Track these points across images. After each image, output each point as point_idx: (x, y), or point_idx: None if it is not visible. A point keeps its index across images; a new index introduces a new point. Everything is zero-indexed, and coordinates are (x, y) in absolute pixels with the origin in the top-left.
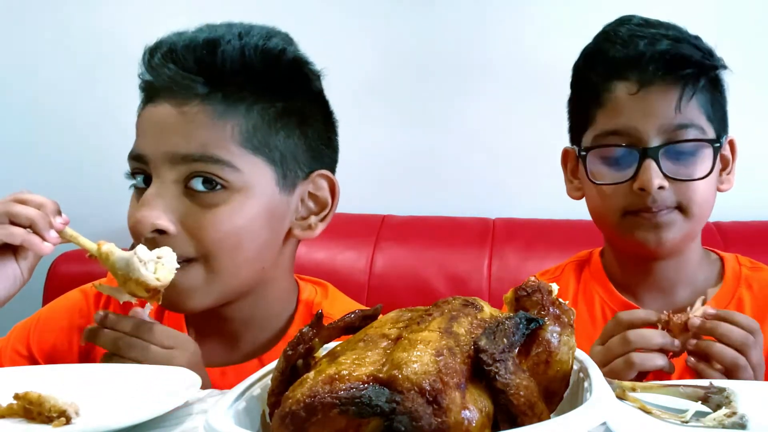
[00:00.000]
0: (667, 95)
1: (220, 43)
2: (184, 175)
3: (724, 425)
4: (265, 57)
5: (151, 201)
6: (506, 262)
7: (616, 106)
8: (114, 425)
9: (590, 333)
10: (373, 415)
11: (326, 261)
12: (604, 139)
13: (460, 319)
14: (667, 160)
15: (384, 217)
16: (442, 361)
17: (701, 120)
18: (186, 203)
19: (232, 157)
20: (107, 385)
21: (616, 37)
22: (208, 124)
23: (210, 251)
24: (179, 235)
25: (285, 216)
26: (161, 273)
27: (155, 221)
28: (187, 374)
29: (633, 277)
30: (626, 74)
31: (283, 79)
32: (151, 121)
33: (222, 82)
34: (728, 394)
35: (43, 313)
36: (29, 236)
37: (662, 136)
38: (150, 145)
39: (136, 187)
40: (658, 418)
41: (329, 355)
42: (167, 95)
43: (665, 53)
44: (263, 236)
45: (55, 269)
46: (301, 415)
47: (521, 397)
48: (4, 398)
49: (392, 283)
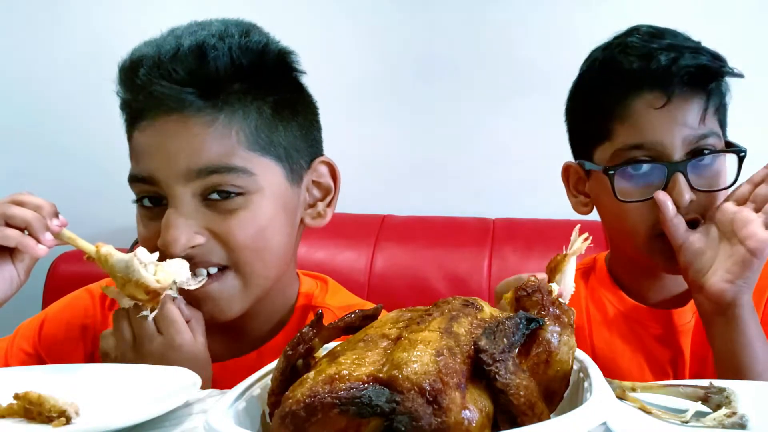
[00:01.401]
0: (692, 107)
1: (207, 49)
2: (200, 189)
3: (724, 425)
4: (251, 55)
5: (175, 222)
6: (506, 262)
7: (639, 120)
8: (114, 425)
9: (606, 336)
10: (373, 415)
11: (326, 261)
12: (627, 153)
13: (460, 319)
14: (693, 173)
15: (384, 217)
16: (442, 361)
17: (716, 127)
18: (208, 214)
19: (244, 163)
20: (107, 385)
21: (632, 50)
22: (213, 135)
23: (240, 256)
24: (208, 244)
25: (297, 208)
26: (161, 275)
27: (187, 241)
28: (187, 374)
29: (643, 282)
30: (648, 88)
31: (270, 73)
32: (151, 142)
33: (217, 89)
34: (728, 394)
35: (49, 312)
36: (24, 239)
37: (685, 147)
38: (158, 166)
39: (142, 206)
40: (658, 418)
41: (329, 355)
42: (160, 112)
43: (689, 67)
44: (285, 232)
45: (54, 269)
46: (301, 415)
47: (521, 397)
48: (4, 398)
49: (392, 283)
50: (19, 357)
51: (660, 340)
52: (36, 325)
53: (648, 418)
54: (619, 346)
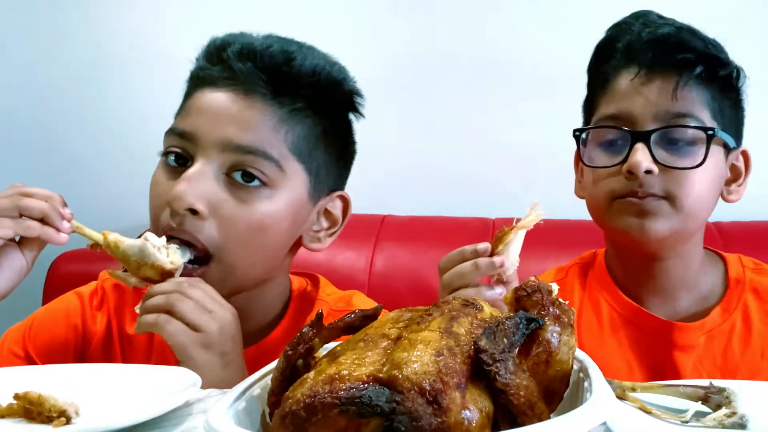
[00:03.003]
0: (664, 82)
1: (295, 56)
2: (229, 163)
3: (724, 425)
4: (329, 80)
5: (194, 179)
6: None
7: (617, 92)
8: (114, 425)
9: (598, 338)
10: (373, 415)
11: (326, 261)
12: (602, 123)
13: (460, 319)
14: (660, 147)
15: (384, 217)
16: (442, 361)
17: (702, 113)
18: (224, 192)
19: (281, 158)
20: (107, 385)
21: (627, 28)
22: (266, 122)
23: (233, 244)
24: (209, 221)
25: (303, 224)
26: (173, 257)
27: (194, 201)
28: (187, 374)
29: (635, 278)
30: (626, 60)
31: (336, 103)
32: (209, 104)
33: (290, 90)
34: (728, 394)
35: (38, 314)
36: (44, 229)
37: (658, 123)
38: (204, 126)
39: (166, 163)
40: (658, 418)
41: (329, 355)
42: (230, 85)
43: (664, 38)
44: (283, 238)
45: (55, 269)
46: (301, 415)
47: (521, 397)
48: (4, 398)
49: (392, 283)
50: (10, 360)
51: (655, 349)
52: (25, 327)
53: (648, 418)
54: (610, 349)
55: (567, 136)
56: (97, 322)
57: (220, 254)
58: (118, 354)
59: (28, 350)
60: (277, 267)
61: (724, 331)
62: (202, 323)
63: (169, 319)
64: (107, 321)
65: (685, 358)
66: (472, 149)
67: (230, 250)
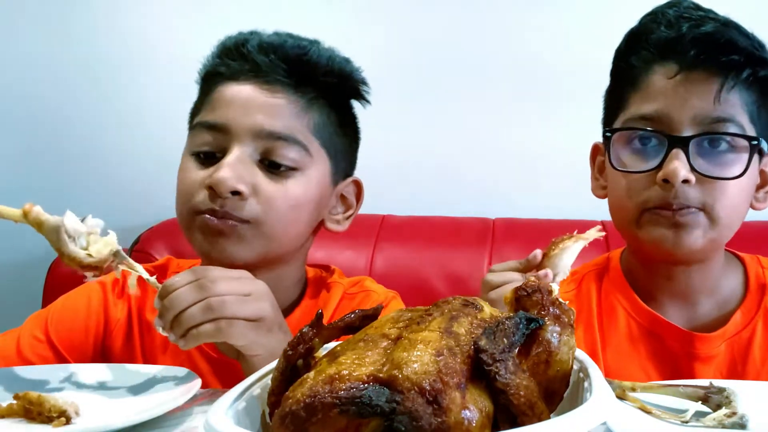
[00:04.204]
0: (707, 83)
1: (310, 49)
2: (262, 149)
3: (724, 425)
4: (341, 70)
5: (232, 165)
6: None
7: (652, 91)
8: (114, 425)
9: (615, 347)
10: (373, 415)
11: (326, 261)
12: (635, 123)
13: (460, 319)
14: (698, 154)
15: (384, 217)
16: (442, 361)
17: (743, 118)
18: (259, 174)
19: (308, 143)
20: (107, 385)
21: (663, 19)
22: (292, 110)
23: (272, 218)
24: (250, 200)
25: (325, 207)
26: (96, 247)
27: (236, 184)
28: (187, 374)
29: (655, 282)
30: (667, 57)
31: (350, 93)
32: (236, 96)
33: (309, 80)
34: (728, 394)
35: (59, 301)
36: None
37: (697, 128)
38: (235, 116)
39: (196, 156)
40: (658, 418)
41: (329, 355)
42: (252, 78)
43: (709, 36)
44: (312, 217)
45: (55, 269)
46: (301, 415)
47: (521, 397)
48: (4, 398)
49: (392, 283)
50: (32, 344)
51: (675, 359)
52: (47, 313)
53: (648, 418)
54: (628, 358)
55: (567, 136)
56: (118, 309)
57: (260, 227)
58: (137, 341)
59: (49, 335)
60: (301, 247)
61: (744, 338)
62: (256, 312)
63: (231, 322)
64: (128, 308)
65: (706, 369)
66: (472, 149)
67: (269, 224)
